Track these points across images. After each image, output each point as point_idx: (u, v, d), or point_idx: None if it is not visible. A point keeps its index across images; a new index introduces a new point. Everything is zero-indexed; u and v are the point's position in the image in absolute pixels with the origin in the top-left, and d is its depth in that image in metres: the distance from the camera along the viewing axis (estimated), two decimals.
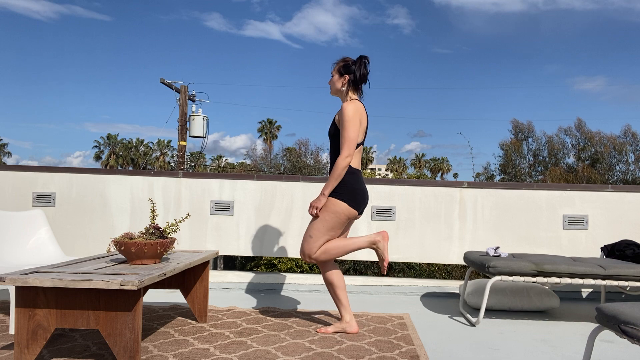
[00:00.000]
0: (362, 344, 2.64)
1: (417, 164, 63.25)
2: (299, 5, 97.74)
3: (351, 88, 2.89)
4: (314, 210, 2.77)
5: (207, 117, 15.40)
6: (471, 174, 37.73)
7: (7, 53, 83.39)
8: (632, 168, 25.40)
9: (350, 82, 2.88)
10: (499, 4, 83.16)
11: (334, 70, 2.94)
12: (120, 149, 54.33)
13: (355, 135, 2.73)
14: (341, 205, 2.76)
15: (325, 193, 2.74)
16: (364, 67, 2.87)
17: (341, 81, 2.89)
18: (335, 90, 2.93)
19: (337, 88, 2.92)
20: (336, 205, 2.76)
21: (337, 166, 2.71)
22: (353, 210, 2.80)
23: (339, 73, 2.90)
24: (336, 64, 2.93)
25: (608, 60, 72.76)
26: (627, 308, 1.74)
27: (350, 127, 2.72)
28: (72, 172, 4.36)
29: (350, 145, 2.72)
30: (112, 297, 2.10)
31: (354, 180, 2.79)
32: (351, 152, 2.72)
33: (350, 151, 2.72)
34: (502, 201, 4.27)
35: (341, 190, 2.75)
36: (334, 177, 2.72)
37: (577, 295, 4.10)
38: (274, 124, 51.79)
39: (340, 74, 2.90)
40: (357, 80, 2.88)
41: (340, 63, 2.91)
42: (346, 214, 2.78)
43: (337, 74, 2.91)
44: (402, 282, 4.15)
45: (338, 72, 2.91)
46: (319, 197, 2.76)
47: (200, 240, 4.29)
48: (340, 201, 2.75)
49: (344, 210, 2.77)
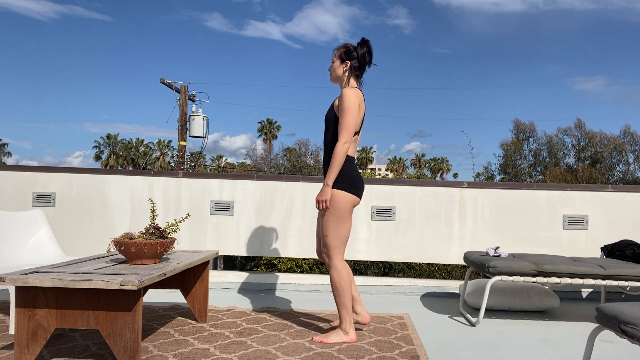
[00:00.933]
0: (362, 344, 2.64)
1: (417, 164, 63.25)
2: (300, 5, 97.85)
3: (353, 75, 2.84)
4: (322, 204, 2.69)
5: (207, 117, 15.40)
6: (471, 174, 37.76)
7: (7, 53, 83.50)
8: (632, 168, 25.41)
9: (352, 69, 2.84)
10: (499, 4, 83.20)
11: (334, 56, 2.88)
12: (120, 149, 54.33)
13: (354, 122, 2.69)
14: (345, 196, 2.72)
15: (329, 183, 2.68)
16: (367, 49, 2.82)
17: (342, 67, 2.84)
18: (336, 76, 2.88)
19: (338, 74, 2.86)
20: (340, 196, 2.72)
21: (336, 153, 2.66)
22: (356, 198, 2.77)
23: (340, 59, 2.85)
24: (337, 50, 2.87)
25: (608, 60, 72.79)
26: (627, 308, 1.74)
27: (349, 113, 2.68)
28: (72, 172, 4.36)
29: (349, 132, 2.68)
30: (112, 297, 2.10)
31: (350, 168, 2.76)
32: (349, 138, 2.68)
33: (349, 138, 2.68)
34: (502, 201, 4.27)
35: (341, 179, 2.72)
36: (335, 165, 2.67)
37: (577, 295, 4.10)
38: (273, 124, 51.78)
39: (341, 60, 2.85)
40: (360, 66, 2.84)
41: (342, 49, 2.86)
42: (350, 202, 2.75)
43: (338, 60, 2.86)
44: (402, 282, 4.15)
45: (339, 58, 2.85)
46: (324, 189, 2.69)
47: (200, 240, 4.29)
48: (342, 191, 2.71)
49: (348, 200, 2.74)
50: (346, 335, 2.71)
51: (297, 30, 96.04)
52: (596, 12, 73.96)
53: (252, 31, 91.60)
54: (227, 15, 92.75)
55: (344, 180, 2.72)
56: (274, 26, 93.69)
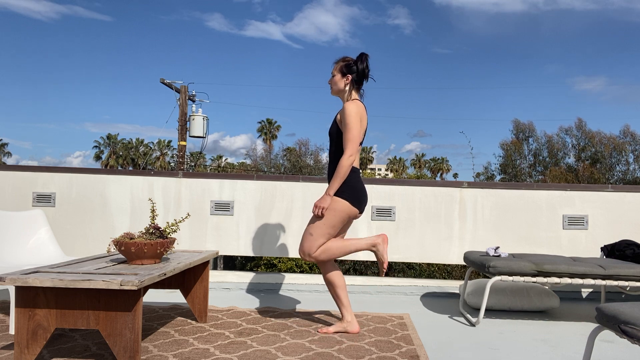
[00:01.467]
0: (362, 344, 2.64)
1: (417, 164, 63.24)
2: (300, 5, 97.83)
3: (354, 88, 2.88)
4: (319, 210, 2.74)
5: (207, 117, 15.40)
6: (471, 174, 37.76)
7: (8, 53, 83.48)
8: (632, 168, 25.41)
9: (354, 82, 2.87)
10: (499, 4, 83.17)
11: (334, 70, 2.91)
12: (120, 149, 54.32)
13: (358, 135, 2.74)
14: (343, 204, 2.76)
15: (330, 193, 2.73)
16: (366, 64, 2.86)
17: (344, 81, 2.88)
18: (337, 90, 2.91)
19: (339, 88, 2.90)
20: (338, 204, 2.75)
21: (341, 166, 2.71)
22: (354, 209, 2.80)
23: (341, 73, 2.88)
24: (336, 64, 2.91)
25: (608, 60, 72.78)
26: (627, 308, 1.74)
27: (353, 127, 2.72)
28: (72, 172, 4.36)
29: (354, 145, 2.73)
30: (112, 297, 2.10)
31: (355, 179, 2.80)
32: (354, 151, 2.73)
33: (354, 150, 2.73)
34: (502, 201, 4.27)
35: (343, 188, 2.75)
36: (339, 176, 2.71)
37: (577, 295, 4.10)
38: (273, 124, 51.77)
39: (342, 74, 2.88)
40: (359, 79, 2.87)
41: (341, 63, 2.89)
42: (347, 212, 2.78)
43: (339, 74, 2.88)
44: (402, 282, 4.15)
45: (340, 72, 2.88)
46: (324, 197, 2.74)
47: (200, 240, 4.29)
48: (342, 199, 2.75)
49: (345, 209, 2.77)
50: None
51: (297, 30, 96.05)
52: (596, 12, 73.99)
53: (253, 31, 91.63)
54: (227, 15, 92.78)
55: (345, 189, 2.76)
56: (274, 26, 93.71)
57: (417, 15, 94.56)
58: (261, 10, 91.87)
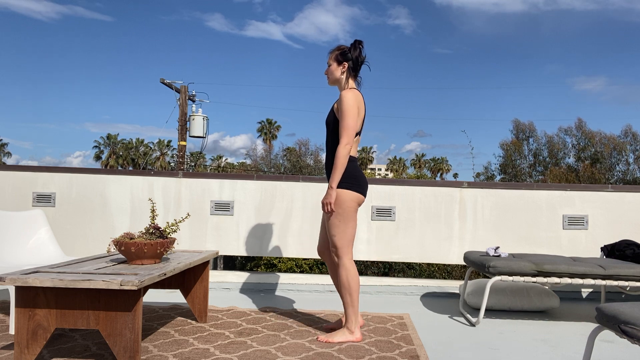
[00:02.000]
0: (362, 344, 2.64)
1: (417, 164, 63.25)
2: (301, 5, 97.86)
3: (351, 75, 2.86)
4: (328, 207, 2.72)
5: (207, 117, 15.40)
6: (471, 174, 37.76)
7: (8, 53, 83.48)
8: (632, 168, 25.41)
9: (350, 69, 2.86)
10: (499, 4, 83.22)
11: (330, 59, 2.89)
12: (120, 149, 54.31)
13: (354, 124, 2.72)
14: (349, 194, 2.74)
15: (333, 186, 2.71)
16: (360, 50, 2.85)
17: (340, 69, 2.86)
18: (334, 79, 2.89)
19: (336, 77, 2.88)
20: (345, 195, 2.73)
21: (338, 155, 2.69)
22: (360, 196, 2.79)
23: (337, 61, 2.86)
24: (332, 53, 2.89)
25: (608, 60, 72.76)
26: (627, 308, 1.74)
27: (349, 115, 2.70)
28: (72, 172, 4.36)
29: (350, 133, 2.70)
30: (112, 297, 2.10)
31: (353, 167, 2.79)
32: (350, 140, 2.70)
33: (350, 139, 2.70)
34: (502, 201, 4.27)
35: (344, 179, 2.74)
36: (339, 167, 2.69)
37: (577, 295, 4.10)
38: (273, 124, 51.76)
39: (338, 62, 2.86)
40: (355, 66, 2.85)
41: (336, 51, 2.87)
42: (355, 200, 2.77)
43: (335, 63, 2.87)
44: (402, 282, 4.15)
45: (336, 60, 2.86)
46: (329, 191, 2.72)
47: (200, 240, 4.29)
48: (347, 190, 2.73)
49: (353, 198, 2.76)
50: (351, 334, 2.72)
51: (297, 30, 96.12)
52: (596, 12, 73.99)
53: (253, 31, 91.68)
54: (228, 15, 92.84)
55: (347, 179, 2.74)
56: (274, 26, 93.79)
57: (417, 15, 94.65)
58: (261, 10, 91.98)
